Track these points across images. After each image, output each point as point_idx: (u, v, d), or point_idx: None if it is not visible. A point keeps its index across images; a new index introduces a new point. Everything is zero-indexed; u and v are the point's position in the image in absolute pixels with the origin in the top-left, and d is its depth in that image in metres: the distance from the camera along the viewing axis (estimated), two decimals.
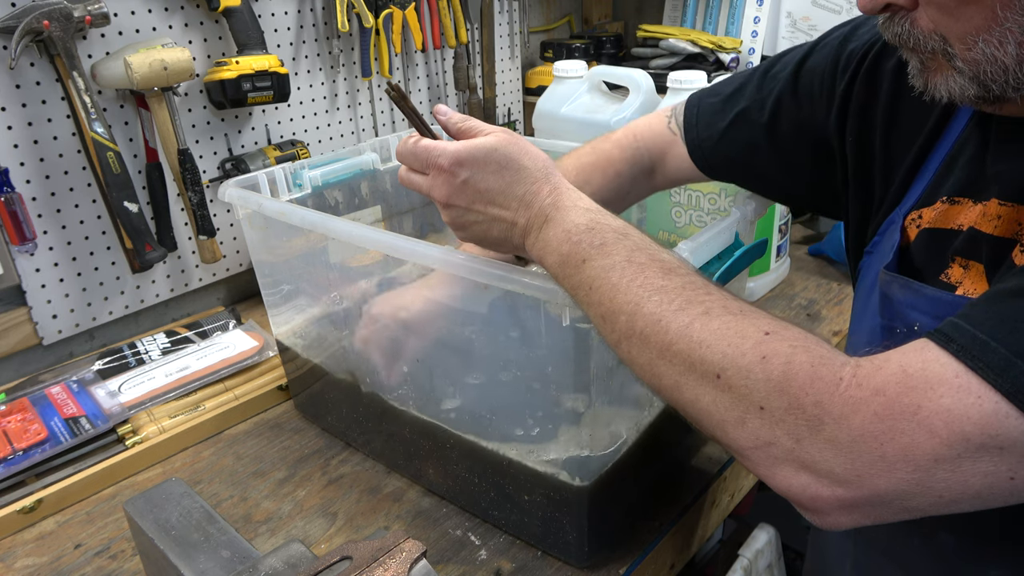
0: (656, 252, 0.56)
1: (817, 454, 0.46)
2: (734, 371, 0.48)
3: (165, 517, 0.60)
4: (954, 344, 0.44)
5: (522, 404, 0.77)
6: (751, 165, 0.78)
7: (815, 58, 0.72)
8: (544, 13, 1.95)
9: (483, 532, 0.82)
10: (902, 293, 0.57)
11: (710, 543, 1.39)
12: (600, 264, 0.56)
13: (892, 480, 0.44)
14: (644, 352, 0.53)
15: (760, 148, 0.76)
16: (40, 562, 0.82)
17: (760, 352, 0.48)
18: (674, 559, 0.86)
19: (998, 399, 0.41)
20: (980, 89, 0.49)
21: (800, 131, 0.73)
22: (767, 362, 0.48)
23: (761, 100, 0.75)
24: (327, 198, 1.05)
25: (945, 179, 0.59)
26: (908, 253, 0.60)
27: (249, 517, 0.87)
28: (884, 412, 0.44)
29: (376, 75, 1.45)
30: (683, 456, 0.92)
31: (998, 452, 0.42)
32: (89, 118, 1.03)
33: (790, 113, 0.73)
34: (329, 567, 0.51)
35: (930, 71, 0.52)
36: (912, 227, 0.60)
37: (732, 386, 0.48)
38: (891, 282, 0.58)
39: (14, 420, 0.95)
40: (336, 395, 0.96)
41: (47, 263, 1.10)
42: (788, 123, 0.74)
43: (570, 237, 0.58)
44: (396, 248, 0.74)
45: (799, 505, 0.49)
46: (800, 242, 1.50)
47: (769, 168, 0.77)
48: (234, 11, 1.17)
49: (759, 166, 0.77)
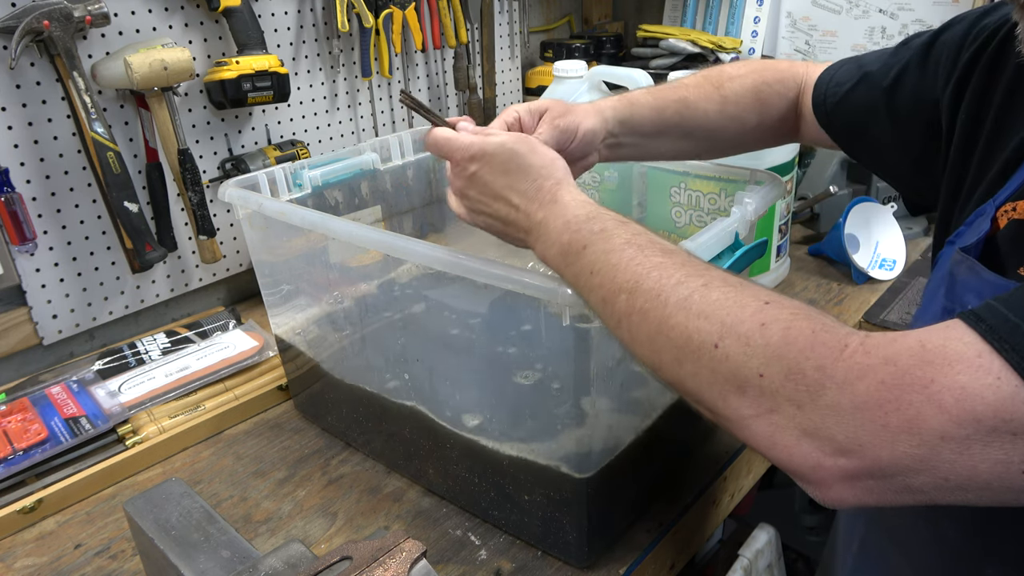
0: (656, 237, 0.57)
1: (819, 420, 0.44)
2: (732, 339, 0.48)
3: (165, 517, 0.60)
4: (983, 324, 0.42)
5: (522, 403, 0.77)
6: (865, 131, 0.76)
7: (951, 31, 0.70)
8: (544, 13, 1.95)
9: (483, 532, 0.82)
10: (966, 275, 0.55)
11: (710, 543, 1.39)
12: (601, 248, 0.56)
13: (895, 452, 0.42)
14: (643, 328, 0.53)
15: (878, 113, 0.74)
16: (40, 562, 0.82)
17: (759, 320, 0.47)
18: (674, 559, 0.86)
19: (1018, 383, 0.40)
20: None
21: (918, 102, 0.71)
22: (766, 328, 0.47)
23: (889, 66, 0.74)
24: (327, 198, 1.05)
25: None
26: (994, 242, 0.58)
27: (249, 517, 0.87)
28: (892, 382, 0.42)
29: (376, 75, 1.45)
30: (683, 456, 0.92)
31: (1011, 439, 0.40)
32: (89, 118, 1.03)
33: (913, 81, 0.71)
34: (329, 567, 0.51)
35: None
36: (1003, 217, 0.58)
37: (730, 355, 0.48)
38: (961, 262, 0.56)
39: (14, 420, 0.95)
40: (336, 395, 0.96)
41: (47, 263, 1.10)
42: (909, 91, 0.72)
43: (570, 227, 0.59)
44: (396, 248, 0.74)
45: (801, 477, 0.47)
46: (800, 242, 1.50)
47: (883, 137, 0.75)
48: (234, 11, 1.17)
49: (873, 134, 0.76)
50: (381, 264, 0.84)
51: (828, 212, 1.48)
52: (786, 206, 1.27)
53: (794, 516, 1.62)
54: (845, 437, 0.44)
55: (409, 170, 1.15)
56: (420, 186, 1.19)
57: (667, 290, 0.52)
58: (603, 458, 0.73)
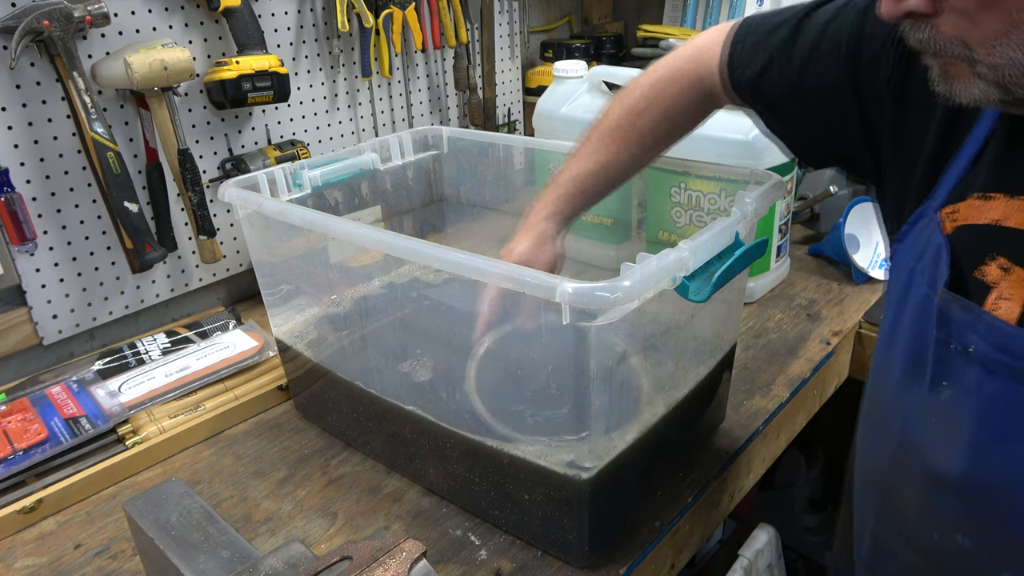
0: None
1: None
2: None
3: (165, 517, 0.60)
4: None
5: (523, 403, 0.77)
6: (785, 115, 0.77)
7: (839, 21, 0.71)
8: (544, 13, 1.95)
9: (483, 532, 0.82)
10: (962, 315, 0.56)
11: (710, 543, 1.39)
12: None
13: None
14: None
15: (789, 101, 0.75)
16: (40, 562, 0.82)
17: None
18: (674, 559, 0.86)
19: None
20: (1002, 92, 0.50)
21: (824, 91, 0.72)
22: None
23: (789, 55, 0.74)
24: (327, 198, 1.05)
25: (977, 174, 0.59)
26: (950, 247, 0.60)
27: (249, 517, 0.87)
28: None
29: (376, 75, 1.45)
30: (683, 456, 0.92)
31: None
32: (89, 118, 1.03)
33: (817, 73, 0.72)
34: (329, 567, 0.51)
35: (952, 77, 0.53)
36: (947, 221, 0.60)
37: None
38: (951, 302, 0.57)
39: (14, 420, 0.95)
40: (336, 395, 0.96)
41: (47, 263, 1.10)
42: (815, 83, 0.72)
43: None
44: (396, 248, 0.74)
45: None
46: (800, 242, 1.50)
47: (798, 119, 0.76)
48: (234, 11, 1.17)
49: (791, 118, 0.77)
50: (381, 264, 0.84)
51: (828, 212, 1.49)
52: (786, 206, 1.27)
53: (794, 516, 1.62)
54: None
55: (409, 170, 1.15)
56: (420, 186, 1.19)
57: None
58: (603, 458, 0.73)
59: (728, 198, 0.98)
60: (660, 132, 0.84)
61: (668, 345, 0.79)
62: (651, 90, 0.83)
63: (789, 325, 1.21)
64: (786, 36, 0.74)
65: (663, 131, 0.84)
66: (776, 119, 0.79)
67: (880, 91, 0.67)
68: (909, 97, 0.65)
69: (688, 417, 0.88)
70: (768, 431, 1.00)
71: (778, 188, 0.83)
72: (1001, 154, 0.57)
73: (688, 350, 0.84)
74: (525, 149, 1.12)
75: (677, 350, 0.81)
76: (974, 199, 0.58)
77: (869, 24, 0.67)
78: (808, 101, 0.73)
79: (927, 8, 0.51)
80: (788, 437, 1.09)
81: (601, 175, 0.84)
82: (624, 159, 0.84)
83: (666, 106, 0.82)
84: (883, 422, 0.66)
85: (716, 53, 0.80)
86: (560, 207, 0.83)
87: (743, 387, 1.06)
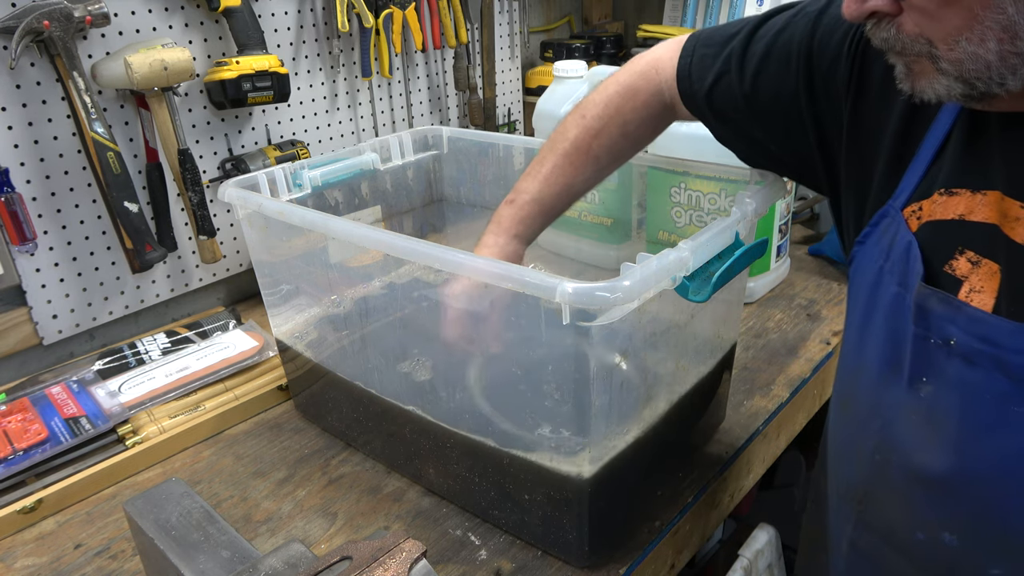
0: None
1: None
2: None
3: (165, 517, 0.60)
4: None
5: (523, 403, 0.77)
6: (736, 126, 0.78)
7: (790, 30, 0.71)
8: (544, 13, 1.95)
9: (483, 532, 0.82)
10: (941, 308, 0.57)
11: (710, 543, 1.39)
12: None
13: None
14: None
15: (740, 112, 0.76)
16: (40, 562, 0.82)
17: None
18: (674, 559, 0.86)
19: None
20: (965, 87, 0.51)
21: (778, 102, 0.73)
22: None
23: (741, 66, 0.74)
24: (327, 198, 1.05)
25: (939, 171, 0.59)
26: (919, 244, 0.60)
27: (249, 517, 0.87)
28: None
29: (376, 75, 1.45)
30: (683, 456, 0.92)
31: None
32: (89, 118, 1.03)
33: (769, 83, 0.73)
34: (329, 567, 0.51)
35: (916, 75, 0.54)
36: (913, 219, 0.60)
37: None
38: (929, 296, 0.57)
39: (14, 420, 0.95)
40: (336, 395, 0.96)
41: (47, 263, 1.10)
42: (767, 93, 0.73)
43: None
44: (396, 248, 0.74)
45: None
46: (800, 242, 1.50)
47: (753, 131, 0.77)
48: (234, 11, 1.17)
49: (742, 128, 0.78)
50: (381, 264, 0.84)
51: (828, 212, 1.48)
52: (786, 206, 1.27)
53: (794, 516, 1.62)
54: None
55: (409, 170, 1.15)
56: (420, 186, 1.19)
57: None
58: (603, 458, 0.73)
59: (728, 198, 0.98)
60: (617, 149, 0.85)
61: (668, 345, 0.79)
62: (606, 109, 0.83)
63: (789, 325, 1.21)
64: (738, 48, 0.75)
65: (619, 148, 0.85)
66: (727, 130, 0.80)
67: (838, 93, 0.68)
68: (867, 97, 0.65)
69: (688, 417, 0.88)
70: (768, 431, 1.00)
71: (778, 188, 0.83)
72: (962, 150, 0.58)
73: (688, 350, 0.84)
74: (525, 149, 1.12)
75: (677, 350, 0.81)
76: (938, 195, 0.59)
77: (822, 30, 0.68)
78: (761, 110, 0.74)
79: (890, 8, 0.52)
80: (788, 437, 1.09)
81: (563, 196, 0.85)
82: (582, 180, 0.85)
83: (622, 123, 0.83)
84: (859, 426, 0.66)
85: (669, 67, 0.81)
86: (523, 229, 0.84)
87: (743, 387, 1.06)
